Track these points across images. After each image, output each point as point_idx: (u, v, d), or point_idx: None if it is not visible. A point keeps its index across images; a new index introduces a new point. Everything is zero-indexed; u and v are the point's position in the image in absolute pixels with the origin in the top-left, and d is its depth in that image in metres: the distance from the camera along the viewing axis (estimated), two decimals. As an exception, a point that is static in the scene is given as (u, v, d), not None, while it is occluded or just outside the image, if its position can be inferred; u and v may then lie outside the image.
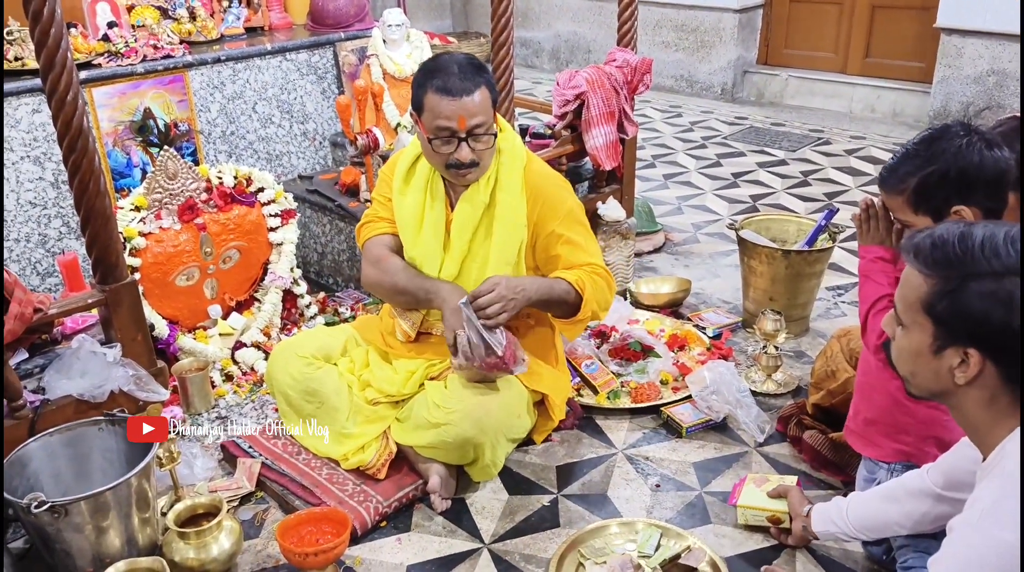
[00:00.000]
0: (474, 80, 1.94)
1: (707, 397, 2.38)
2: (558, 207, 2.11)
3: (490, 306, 1.95)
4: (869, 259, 1.84)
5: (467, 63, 1.97)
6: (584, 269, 2.11)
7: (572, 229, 2.13)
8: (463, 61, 1.97)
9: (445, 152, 1.98)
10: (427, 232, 2.14)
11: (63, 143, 1.77)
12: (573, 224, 2.14)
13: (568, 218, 2.13)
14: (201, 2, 3.40)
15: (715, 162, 4.65)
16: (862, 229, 1.86)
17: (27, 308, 1.73)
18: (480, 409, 2.01)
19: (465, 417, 1.99)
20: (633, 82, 2.97)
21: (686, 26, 5.95)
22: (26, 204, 2.85)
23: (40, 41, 1.67)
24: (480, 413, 2.01)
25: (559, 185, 2.18)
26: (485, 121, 1.97)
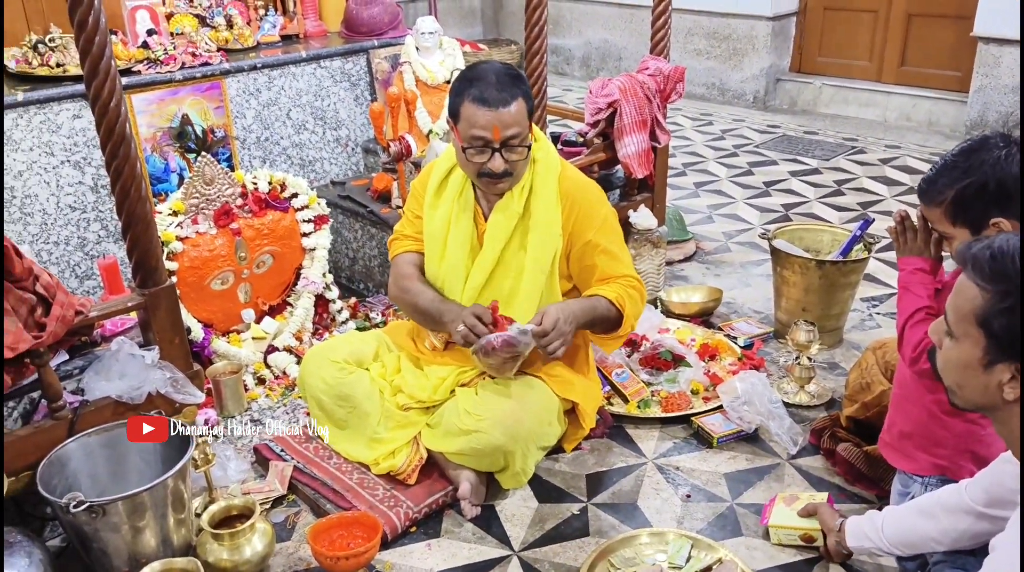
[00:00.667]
0: (511, 91, 1.94)
1: (738, 408, 2.37)
2: (594, 216, 2.12)
3: (552, 343, 1.96)
4: (908, 271, 1.82)
5: (505, 73, 1.98)
6: (620, 282, 2.12)
7: (608, 238, 2.13)
8: (501, 71, 1.98)
9: (478, 161, 1.99)
10: (453, 244, 2.15)
11: (106, 149, 1.81)
12: (609, 233, 2.14)
13: (604, 227, 2.13)
14: (238, 10, 3.46)
15: (746, 170, 4.62)
16: (898, 241, 1.84)
17: (68, 310, 1.77)
18: (511, 417, 2.02)
19: (496, 425, 2.00)
20: (666, 90, 2.96)
21: (718, 34, 5.92)
22: (66, 208, 2.91)
23: (84, 49, 1.71)
24: (511, 421, 2.01)
25: (594, 193, 2.18)
26: (520, 132, 1.97)
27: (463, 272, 2.14)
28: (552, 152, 2.15)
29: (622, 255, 2.17)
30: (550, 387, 2.14)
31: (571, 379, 2.19)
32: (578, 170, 2.25)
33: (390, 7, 3.73)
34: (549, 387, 2.13)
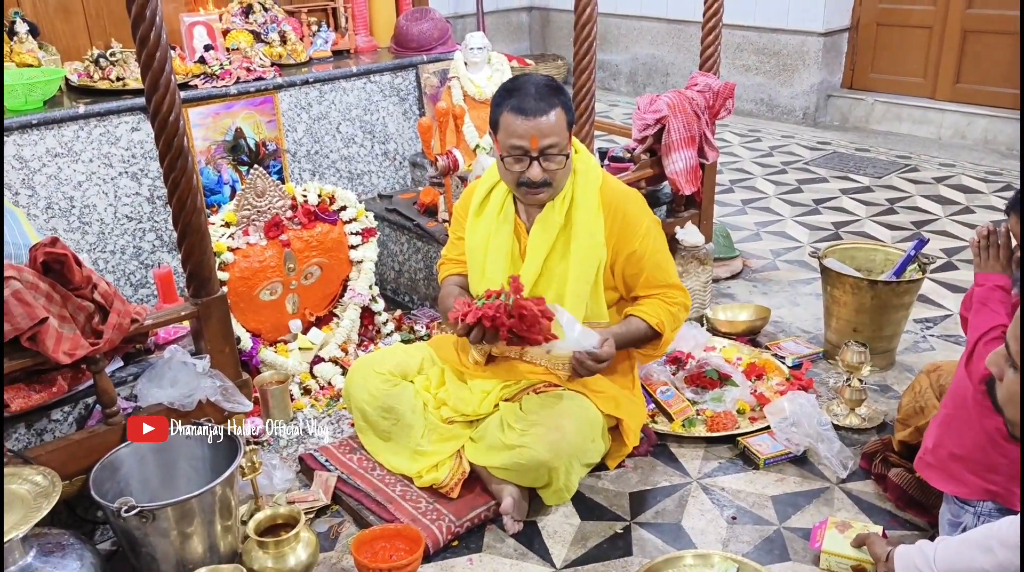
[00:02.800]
0: (549, 101, 1.97)
1: (786, 429, 2.32)
2: (637, 225, 2.12)
3: (594, 367, 2.01)
4: (987, 287, 1.77)
5: (544, 84, 2.00)
6: (662, 298, 2.13)
7: (653, 247, 2.14)
8: (540, 82, 2.01)
9: (517, 170, 2.01)
10: (493, 256, 2.17)
11: (164, 162, 1.85)
12: (652, 242, 2.15)
13: (648, 236, 2.13)
14: (292, 26, 3.52)
15: (795, 188, 4.55)
16: (980, 256, 1.79)
17: (124, 318, 1.81)
18: (555, 432, 2.01)
19: (539, 440, 1.99)
20: (715, 107, 2.94)
21: (767, 49, 5.87)
22: (123, 218, 2.99)
23: (146, 64, 1.76)
24: (555, 436, 2.00)
25: (637, 202, 2.18)
26: (558, 142, 1.99)
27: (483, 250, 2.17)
28: (593, 163, 2.16)
29: (667, 265, 2.17)
30: (594, 403, 2.12)
31: (616, 396, 2.17)
32: (620, 181, 2.25)
33: (440, 23, 3.77)
34: (593, 403, 2.12)
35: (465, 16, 6.73)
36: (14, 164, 2.72)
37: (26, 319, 1.66)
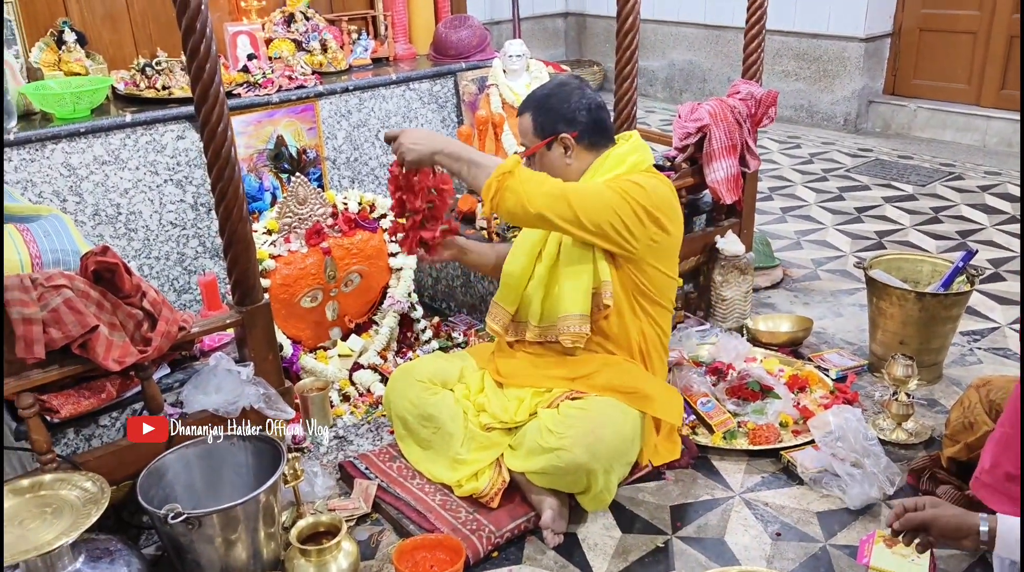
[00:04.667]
0: (527, 108, 2.18)
1: (831, 443, 2.28)
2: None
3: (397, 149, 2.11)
4: None
5: (537, 91, 2.20)
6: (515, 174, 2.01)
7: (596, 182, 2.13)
8: (538, 90, 2.21)
9: None
10: (522, 246, 2.24)
11: (212, 171, 1.87)
12: (604, 182, 2.10)
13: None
14: (332, 35, 3.55)
15: (837, 195, 4.49)
16: None
17: (172, 326, 1.83)
18: (592, 435, 1.99)
19: (577, 442, 1.98)
20: (757, 115, 2.91)
21: (808, 55, 5.80)
22: (167, 225, 3.03)
23: (196, 75, 1.78)
24: (592, 439, 1.99)
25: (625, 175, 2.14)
26: (525, 143, 2.19)
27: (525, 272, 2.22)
28: (630, 161, 2.16)
29: (584, 187, 2.09)
30: (629, 404, 2.11)
31: (648, 393, 2.14)
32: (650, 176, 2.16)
33: (478, 30, 3.78)
34: (628, 405, 2.10)
35: (501, 22, 6.75)
36: (62, 171, 2.78)
37: (78, 327, 1.68)
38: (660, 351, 2.28)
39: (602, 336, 2.18)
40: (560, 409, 2.09)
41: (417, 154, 2.11)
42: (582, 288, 2.11)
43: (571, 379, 2.18)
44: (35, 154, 2.72)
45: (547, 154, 2.17)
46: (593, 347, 2.20)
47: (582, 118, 2.15)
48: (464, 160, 2.09)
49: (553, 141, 2.15)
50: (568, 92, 2.16)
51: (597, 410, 2.05)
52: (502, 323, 2.27)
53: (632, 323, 2.19)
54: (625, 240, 2.05)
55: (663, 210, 2.09)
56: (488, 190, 2.00)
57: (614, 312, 2.15)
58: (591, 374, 2.16)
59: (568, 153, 2.16)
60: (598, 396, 2.11)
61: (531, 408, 2.17)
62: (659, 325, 2.24)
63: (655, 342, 2.25)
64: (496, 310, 2.29)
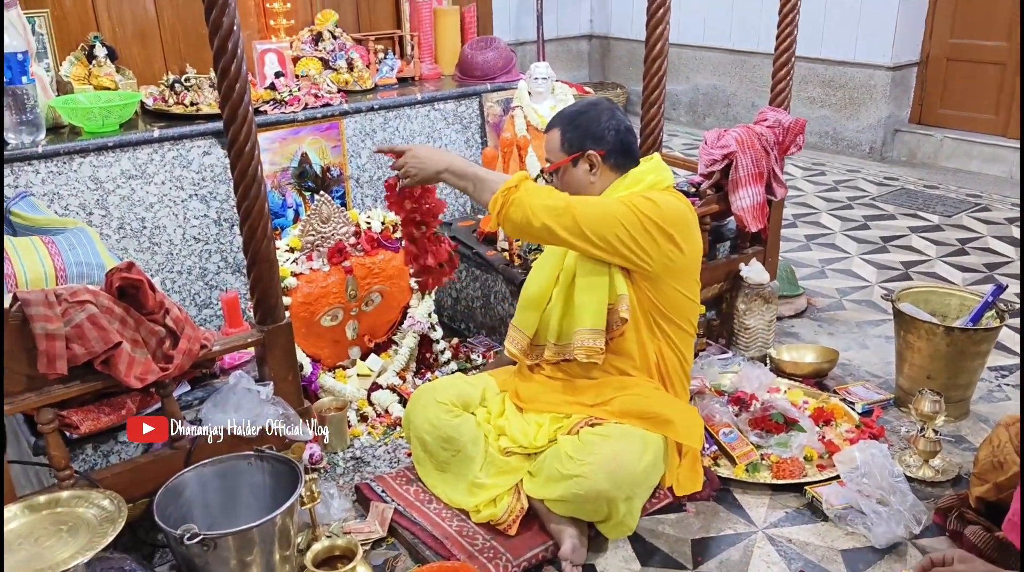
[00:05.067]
0: (555, 123, 2.19)
1: (857, 479, 2.24)
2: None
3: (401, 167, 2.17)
4: None
5: (567, 109, 2.22)
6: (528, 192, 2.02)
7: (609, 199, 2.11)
8: (569, 107, 2.23)
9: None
10: (540, 270, 2.23)
11: (238, 189, 1.87)
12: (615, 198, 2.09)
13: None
14: (359, 54, 3.57)
15: (862, 224, 4.44)
16: None
17: (194, 345, 1.82)
18: (613, 462, 1.96)
19: (598, 469, 1.94)
20: (784, 143, 2.88)
21: (834, 82, 5.77)
22: (191, 239, 3.04)
23: (225, 95, 1.78)
24: (614, 466, 1.95)
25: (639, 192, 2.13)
26: (549, 158, 2.20)
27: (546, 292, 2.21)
28: (647, 181, 2.15)
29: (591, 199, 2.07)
30: (651, 429, 2.07)
31: (668, 416, 2.10)
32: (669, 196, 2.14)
33: (504, 52, 3.78)
34: (648, 431, 2.07)
35: (525, 43, 6.78)
36: (89, 185, 2.79)
37: (101, 343, 1.68)
38: (681, 375, 2.25)
39: (619, 354, 2.16)
40: (580, 435, 2.06)
41: (423, 172, 2.13)
42: (597, 302, 2.09)
43: (590, 405, 2.16)
44: (63, 167, 2.74)
45: (572, 170, 2.17)
46: (609, 369, 2.17)
47: (611, 138, 2.15)
48: (470, 177, 2.10)
49: (580, 157, 2.15)
50: (599, 112, 2.17)
51: (618, 436, 2.02)
52: (520, 346, 2.26)
53: (650, 342, 2.16)
54: (635, 254, 2.03)
55: (676, 226, 2.06)
56: (495, 205, 2.01)
57: (631, 329, 2.12)
58: (610, 400, 2.14)
59: (593, 170, 2.16)
60: (618, 422, 2.08)
61: (550, 434, 2.15)
62: (678, 347, 2.21)
63: (675, 365, 2.22)
64: (514, 334, 2.28)
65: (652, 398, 2.14)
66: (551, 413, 2.19)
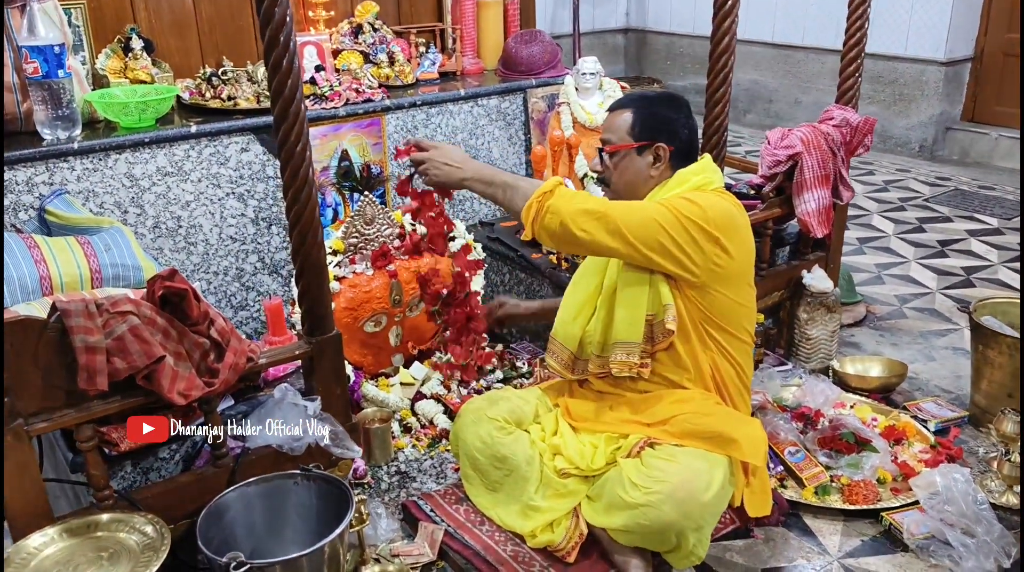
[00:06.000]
0: (628, 103, 2.05)
1: (939, 507, 2.09)
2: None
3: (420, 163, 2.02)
4: None
5: (646, 93, 2.11)
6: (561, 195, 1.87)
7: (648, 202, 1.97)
8: (648, 91, 2.15)
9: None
10: (581, 280, 2.10)
11: (287, 192, 1.76)
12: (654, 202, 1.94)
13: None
14: (400, 47, 3.45)
15: (916, 227, 4.26)
16: None
17: (241, 358, 1.71)
18: (682, 490, 1.81)
19: (667, 499, 1.80)
20: (852, 143, 2.73)
21: (883, 77, 5.57)
22: (227, 239, 2.93)
23: (277, 91, 1.66)
24: (683, 495, 1.80)
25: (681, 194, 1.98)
26: (610, 138, 2.03)
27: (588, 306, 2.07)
28: (693, 182, 1.99)
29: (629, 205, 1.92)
30: (712, 450, 1.93)
31: (730, 435, 1.94)
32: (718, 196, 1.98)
33: (549, 46, 3.65)
34: (711, 451, 1.93)
35: (561, 37, 6.62)
36: (124, 182, 2.69)
37: (143, 357, 1.57)
38: (739, 387, 2.08)
39: (672, 366, 2.01)
40: (643, 460, 1.92)
41: (447, 176, 1.99)
42: (634, 313, 1.95)
43: (646, 424, 2.01)
44: (98, 164, 2.64)
45: (634, 158, 2.02)
46: (661, 382, 2.03)
47: (684, 136, 2.02)
48: (498, 184, 1.95)
49: (647, 147, 2.00)
50: (678, 106, 2.05)
51: (684, 461, 1.87)
52: (562, 361, 2.11)
53: (702, 353, 2.00)
54: (681, 262, 1.88)
55: (722, 229, 1.90)
56: (528, 212, 1.86)
57: (680, 340, 1.97)
58: (668, 420, 1.99)
59: (656, 165, 2.01)
60: (678, 444, 1.94)
61: (607, 456, 2.01)
62: (734, 358, 2.05)
63: (732, 377, 2.06)
64: (555, 347, 2.13)
65: (712, 416, 1.98)
66: (605, 432, 2.05)
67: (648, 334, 1.97)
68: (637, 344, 1.96)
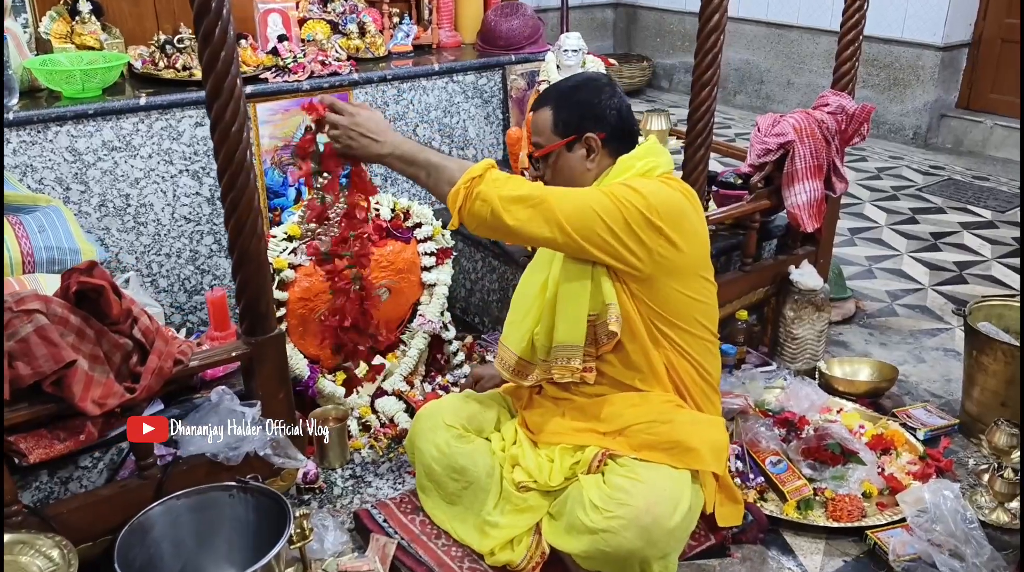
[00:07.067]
0: (548, 99, 1.87)
1: (926, 525, 1.96)
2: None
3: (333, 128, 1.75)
4: None
5: (562, 83, 1.90)
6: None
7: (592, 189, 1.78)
8: (563, 81, 1.91)
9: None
10: (528, 278, 1.93)
11: (222, 177, 1.58)
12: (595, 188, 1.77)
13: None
14: (372, 17, 3.25)
15: (909, 217, 4.12)
16: None
17: (167, 361, 1.54)
18: (647, 516, 1.65)
19: (629, 525, 1.65)
20: (848, 132, 2.56)
21: (878, 61, 5.40)
22: (180, 219, 2.75)
23: (208, 65, 1.48)
24: (647, 520, 1.65)
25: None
26: (539, 142, 1.87)
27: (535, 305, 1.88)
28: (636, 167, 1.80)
29: (567, 190, 1.74)
30: (679, 465, 1.78)
31: (690, 444, 1.78)
32: (654, 181, 1.79)
33: (531, 20, 3.45)
34: (672, 466, 1.77)
35: (548, 11, 6.40)
36: (66, 157, 2.50)
37: (50, 362, 1.40)
38: (701, 385, 1.90)
39: (624, 367, 1.84)
40: (606, 479, 1.76)
41: (362, 149, 1.75)
42: (577, 312, 1.77)
43: (602, 433, 1.86)
44: (37, 136, 2.45)
45: (566, 155, 1.84)
46: (615, 385, 1.86)
47: (612, 119, 1.83)
48: (421, 164, 1.73)
49: (575, 141, 1.82)
50: (598, 88, 1.85)
51: (649, 481, 1.70)
52: (508, 366, 1.92)
53: (654, 352, 1.83)
54: (620, 255, 1.70)
55: (667, 219, 1.71)
56: (455, 198, 1.67)
57: (627, 339, 1.80)
58: (624, 429, 1.83)
59: (591, 156, 1.83)
60: (637, 457, 1.78)
61: (565, 471, 1.84)
62: (691, 356, 1.86)
63: (691, 376, 1.88)
64: (502, 352, 1.95)
65: (669, 423, 1.81)
66: (561, 444, 1.89)
67: (591, 336, 1.80)
68: (578, 347, 1.79)
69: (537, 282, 1.85)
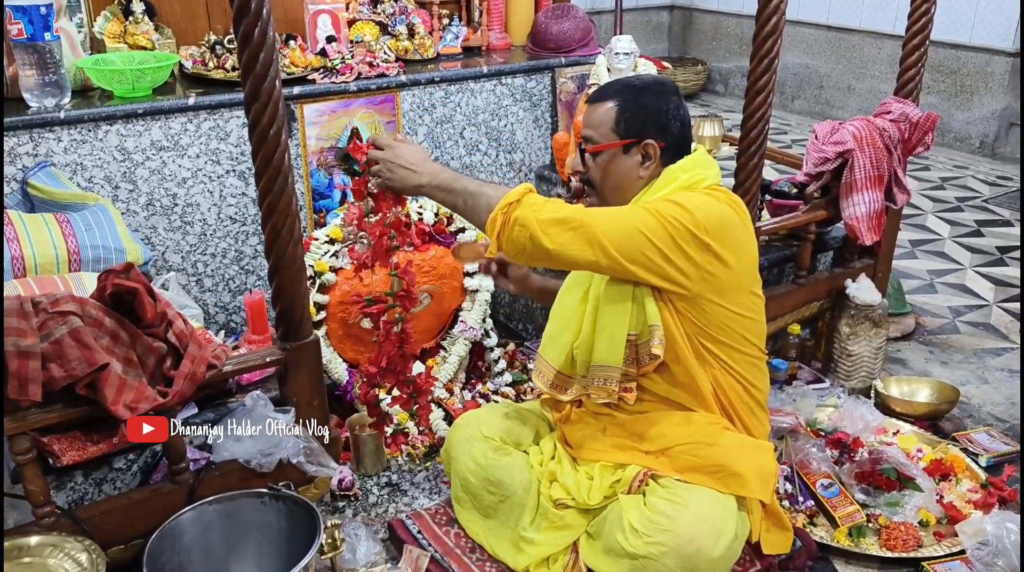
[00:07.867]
0: (611, 94, 1.77)
1: (987, 559, 1.84)
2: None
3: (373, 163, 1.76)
4: None
5: (631, 81, 1.80)
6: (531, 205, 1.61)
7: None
8: (632, 79, 1.82)
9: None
10: (569, 286, 1.86)
11: (259, 181, 1.56)
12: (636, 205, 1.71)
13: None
14: (422, 19, 3.22)
15: (974, 230, 3.94)
16: None
17: (200, 366, 1.52)
18: (689, 545, 1.58)
19: (671, 552, 1.58)
20: (911, 141, 2.45)
21: (944, 67, 5.20)
22: (226, 219, 2.76)
23: (247, 67, 1.46)
24: (690, 550, 1.58)
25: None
26: (592, 135, 1.77)
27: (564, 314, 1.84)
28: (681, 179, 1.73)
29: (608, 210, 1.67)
30: (718, 488, 1.70)
31: (736, 469, 1.70)
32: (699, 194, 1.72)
33: (582, 22, 3.39)
34: (717, 490, 1.70)
35: (602, 12, 6.33)
36: (116, 156, 2.52)
37: (84, 365, 1.39)
38: (750, 405, 1.83)
39: (670, 385, 1.77)
40: (647, 502, 1.69)
41: (401, 181, 1.73)
42: (616, 334, 1.71)
43: (645, 452, 1.78)
44: (87, 135, 2.47)
45: (620, 158, 1.75)
46: (659, 404, 1.79)
47: (675, 129, 1.75)
48: (459, 192, 1.68)
49: (634, 144, 1.74)
50: (667, 94, 1.76)
51: (692, 506, 1.63)
52: (547, 380, 1.86)
53: (700, 370, 1.75)
54: (669, 276, 1.63)
55: (715, 235, 1.63)
56: (493, 225, 1.60)
57: (675, 360, 1.73)
58: (667, 449, 1.76)
59: (645, 164, 1.75)
60: (682, 480, 1.71)
61: (604, 490, 1.78)
62: (739, 374, 1.79)
63: (739, 395, 1.80)
64: (541, 365, 1.88)
65: (715, 445, 1.73)
66: (601, 462, 1.82)
67: (631, 356, 1.73)
68: (617, 368, 1.73)
69: (577, 295, 1.79)
